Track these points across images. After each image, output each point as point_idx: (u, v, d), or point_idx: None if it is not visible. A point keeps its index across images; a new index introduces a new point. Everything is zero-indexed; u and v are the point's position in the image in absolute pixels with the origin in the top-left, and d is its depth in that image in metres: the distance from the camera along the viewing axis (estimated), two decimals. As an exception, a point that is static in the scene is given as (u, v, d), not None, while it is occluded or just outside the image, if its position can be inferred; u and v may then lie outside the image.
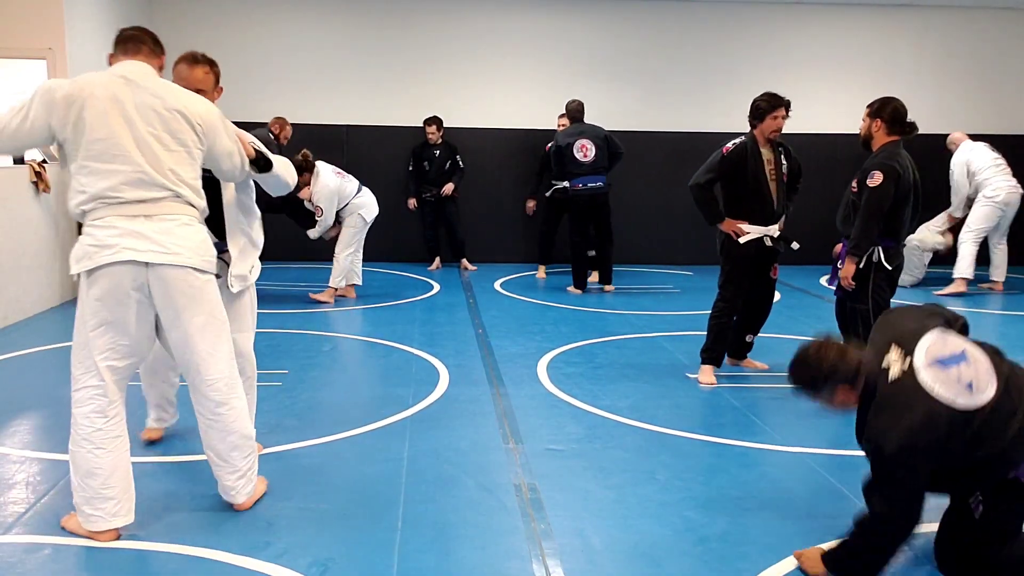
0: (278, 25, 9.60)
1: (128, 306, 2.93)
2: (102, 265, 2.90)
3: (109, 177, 2.89)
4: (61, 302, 7.12)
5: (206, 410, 3.12)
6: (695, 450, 4.06)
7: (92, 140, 2.87)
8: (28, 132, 2.91)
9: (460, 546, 3.02)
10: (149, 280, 2.92)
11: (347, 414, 4.40)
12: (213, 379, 3.08)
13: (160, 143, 2.93)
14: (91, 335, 2.95)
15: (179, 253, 2.93)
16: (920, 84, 10.34)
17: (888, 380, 2.61)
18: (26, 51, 7.13)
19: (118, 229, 2.90)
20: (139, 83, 2.97)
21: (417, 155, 9.36)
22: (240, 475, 3.21)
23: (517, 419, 4.40)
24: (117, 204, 2.90)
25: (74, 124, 2.88)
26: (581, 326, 6.71)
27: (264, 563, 2.84)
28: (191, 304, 2.98)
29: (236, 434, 3.16)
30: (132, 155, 2.89)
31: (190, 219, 3.01)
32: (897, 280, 4.67)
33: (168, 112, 2.96)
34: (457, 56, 9.90)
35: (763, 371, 5.41)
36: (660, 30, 10.04)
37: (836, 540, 2.81)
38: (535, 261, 9.29)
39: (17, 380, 5.05)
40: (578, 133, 7.92)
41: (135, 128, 2.90)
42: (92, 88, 2.91)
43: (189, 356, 3.05)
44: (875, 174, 4.45)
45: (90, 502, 2.96)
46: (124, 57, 3.08)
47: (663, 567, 2.90)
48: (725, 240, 5.11)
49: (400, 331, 6.38)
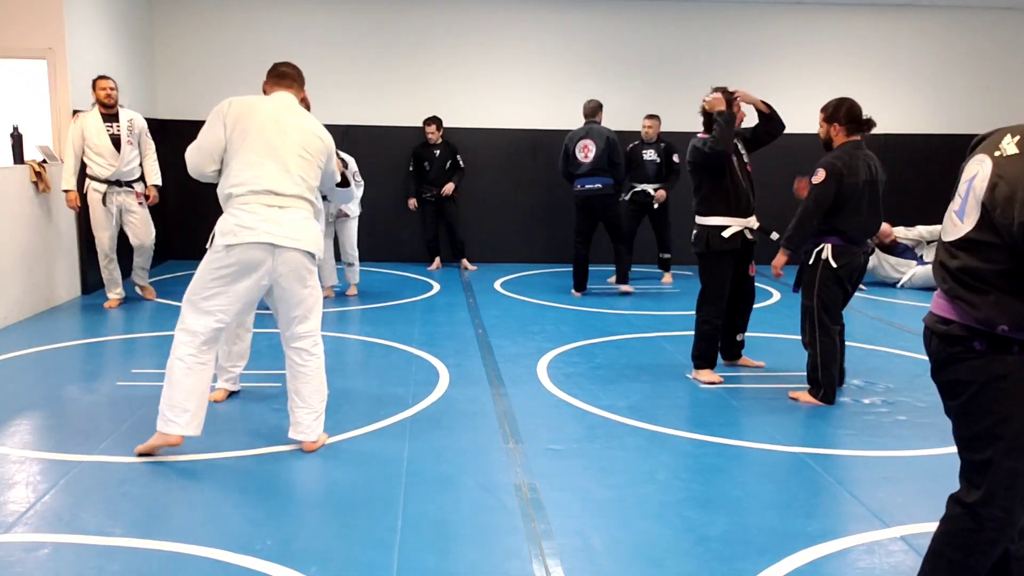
0: (277, 25, 9.59)
1: (254, 276, 3.66)
2: (245, 242, 3.61)
3: (257, 168, 3.66)
4: (61, 302, 7.12)
5: (299, 357, 3.85)
6: (695, 450, 4.06)
7: (255, 140, 3.67)
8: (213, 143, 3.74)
9: (460, 546, 3.02)
10: (275, 258, 3.65)
11: (347, 414, 4.40)
12: (308, 332, 3.83)
13: (299, 155, 3.74)
14: (212, 293, 3.65)
15: (301, 239, 3.69)
16: (920, 84, 10.35)
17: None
18: (26, 51, 7.13)
19: (259, 215, 3.63)
20: (294, 111, 3.84)
21: (417, 155, 9.36)
22: (316, 416, 3.88)
23: (517, 419, 4.40)
24: (261, 193, 3.65)
25: (242, 130, 3.68)
26: (581, 326, 6.71)
27: (264, 563, 2.84)
28: (303, 280, 3.75)
29: (317, 380, 3.88)
30: (283, 156, 3.70)
31: (309, 215, 3.79)
32: (851, 280, 4.65)
33: (310, 135, 3.81)
34: (457, 56, 9.89)
35: (760, 369, 5.41)
36: (661, 30, 10.03)
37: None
38: (540, 261, 9.25)
39: (17, 380, 5.05)
40: (584, 133, 7.93)
41: (287, 139, 3.71)
42: (261, 104, 3.78)
43: (293, 314, 3.80)
44: (819, 171, 4.54)
45: (174, 408, 3.68)
46: (277, 88, 3.93)
47: (663, 567, 2.90)
48: (707, 237, 5.04)
49: (400, 331, 6.38)
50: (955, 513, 2.31)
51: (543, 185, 10.04)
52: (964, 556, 2.28)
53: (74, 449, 3.86)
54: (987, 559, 2.29)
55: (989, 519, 2.23)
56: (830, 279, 4.59)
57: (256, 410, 4.48)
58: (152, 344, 5.90)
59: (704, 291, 5.15)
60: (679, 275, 9.11)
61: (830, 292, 4.60)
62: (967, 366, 2.19)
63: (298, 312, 3.80)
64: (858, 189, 4.51)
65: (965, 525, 2.27)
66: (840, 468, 3.85)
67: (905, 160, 10.16)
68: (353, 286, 7.86)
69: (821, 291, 4.60)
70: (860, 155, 4.56)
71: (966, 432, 2.26)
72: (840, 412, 4.63)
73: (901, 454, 4.02)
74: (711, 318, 5.12)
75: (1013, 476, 2.18)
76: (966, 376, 2.20)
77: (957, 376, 2.22)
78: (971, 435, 2.24)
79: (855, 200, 4.51)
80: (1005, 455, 2.18)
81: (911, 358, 5.83)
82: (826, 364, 4.66)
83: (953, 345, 2.20)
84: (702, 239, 5.07)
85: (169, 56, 9.59)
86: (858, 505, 3.44)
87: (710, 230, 5.02)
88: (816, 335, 4.65)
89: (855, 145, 4.58)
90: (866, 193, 4.54)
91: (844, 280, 4.60)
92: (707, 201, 5.05)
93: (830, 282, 4.59)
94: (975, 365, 2.17)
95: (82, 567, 2.83)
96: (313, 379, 3.87)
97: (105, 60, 7.91)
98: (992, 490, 2.21)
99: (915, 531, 3.17)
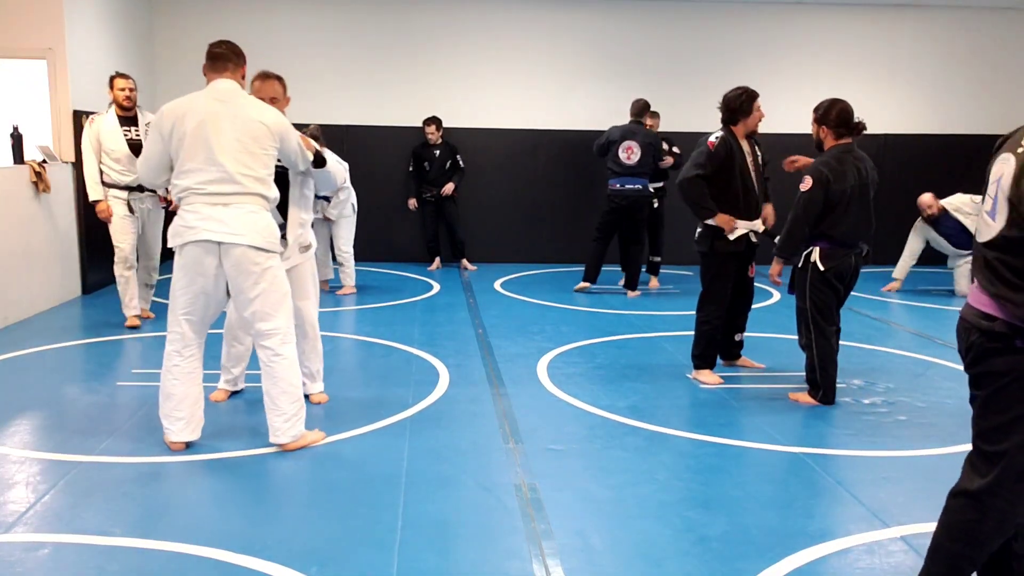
0: (277, 26, 9.60)
1: (205, 275, 3.67)
2: (188, 242, 3.64)
3: (197, 174, 3.64)
4: (61, 302, 7.12)
5: (265, 356, 3.79)
6: (695, 450, 4.06)
7: (190, 146, 3.63)
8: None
9: (460, 546, 3.02)
10: (221, 255, 3.64)
11: (347, 414, 4.40)
12: (271, 330, 3.76)
13: (239, 149, 3.64)
14: (176, 295, 3.73)
15: (244, 234, 3.62)
16: (920, 84, 10.35)
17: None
18: (26, 51, 7.13)
19: (201, 214, 3.63)
20: (230, 101, 3.70)
21: (417, 155, 9.36)
22: (286, 418, 3.80)
23: (517, 419, 4.40)
24: (204, 195, 3.64)
25: (179, 138, 3.65)
26: (581, 326, 6.71)
27: (264, 562, 2.84)
28: (252, 275, 3.67)
29: (285, 381, 3.79)
30: (218, 158, 3.62)
31: (258, 208, 3.70)
32: (842, 281, 4.64)
33: (251, 122, 3.68)
34: (457, 56, 9.89)
35: (759, 370, 5.41)
36: (661, 30, 10.03)
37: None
38: (540, 261, 9.24)
39: (17, 380, 5.04)
40: (631, 134, 7.82)
41: (223, 137, 3.62)
42: (193, 105, 3.68)
43: (249, 310, 3.74)
44: (806, 179, 4.55)
45: (167, 417, 3.82)
46: (213, 73, 3.78)
47: (663, 567, 2.90)
48: (712, 237, 5.02)
49: (400, 331, 6.38)
50: (957, 505, 2.34)
51: (543, 185, 10.05)
52: (963, 547, 2.31)
53: (74, 449, 3.86)
54: (984, 551, 2.31)
55: (992, 508, 2.26)
56: (820, 281, 4.60)
57: (256, 410, 4.47)
58: (152, 344, 5.90)
59: (706, 291, 5.14)
60: (676, 275, 9.11)
61: (821, 294, 4.61)
62: (1004, 360, 2.23)
63: (254, 308, 3.73)
64: (846, 194, 4.50)
65: (967, 516, 2.30)
66: (840, 468, 3.85)
67: (904, 160, 10.16)
68: (348, 286, 7.87)
69: (812, 293, 4.61)
70: (849, 159, 4.54)
71: (987, 422, 2.29)
72: (840, 412, 4.63)
73: (901, 454, 4.02)
74: (712, 318, 5.11)
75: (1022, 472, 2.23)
76: (1001, 368, 2.24)
77: (992, 368, 2.26)
78: (992, 425, 2.27)
79: (843, 205, 4.51)
80: (1020, 449, 2.22)
81: (911, 358, 5.83)
82: (824, 365, 4.66)
83: (995, 341, 2.24)
84: (707, 239, 5.04)
85: (169, 56, 9.59)
86: (858, 505, 3.44)
87: (715, 231, 5.01)
88: (812, 337, 4.65)
89: (845, 149, 4.57)
90: (855, 197, 4.53)
91: (834, 281, 4.61)
92: (715, 201, 5.00)
93: (820, 284, 4.60)
94: (1012, 360, 2.21)
95: (82, 567, 2.83)
96: (281, 379, 3.79)
97: (105, 60, 7.91)
98: (1001, 480, 2.24)
99: (915, 531, 3.17)
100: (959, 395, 4.75)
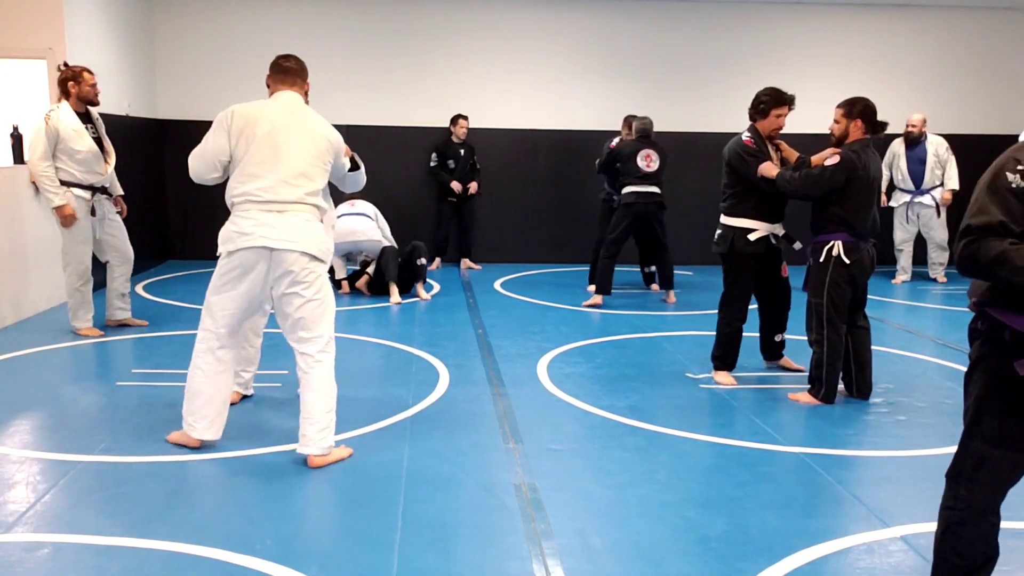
0: (278, 25, 9.59)
1: (254, 280, 3.69)
2: (242, 248, 3.65)
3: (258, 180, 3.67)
4: (60, 302, 7.11)
5: (304, 362, 3.74)
6: (695, 450, 4.06)
7: (257, 151, 3.67)
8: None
9: (460, 546, 3.02)
10: (272, 260, 3.65)
11: (347, 414, 4.39)
12: (313, 336, 3.72)
13: (303, 161, 3.71)
14: (220, 297, 3.74)
15: (298, 241, 3.64)
16: (920, 84, 10.35)
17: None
18: (26, 51, 7.13)
19: (256, 220, 3.65)
20: (298, 113, 3.80)
21: (441, 152, 9.40)
22: (319, 428, 3.70)
23: (517, 419, 4.40)
24: (260, 202, 3.66)
25: (246, 141, 3.69)
26: (581, 326, 6.71)
27: (264, 562, 2.84)
28: (303, 282, 3.67)
29: (322, 391, 3.72)
30: (283, 167, 3.68)
31: (312, 217, 3.74)
32: (859, 279, 4.65)
33: (318, 138, 3.78)
34: (459, 57, 9.89)
35: (799, 372, 5.29)
36: (661, 30, 10.03)
37: None
38: (540, 261, 9.22)
39: (17, 380, 5.04)
40: (648, 144, 7.60)
41: (291, 147, 3.69)
42: (265, 112, 3.76)
43: (295, 317, 3.70)
44: (836, 156, 4.58)
45: (192, 414, 3.82)
46: (281, 86, 3.89)
47: (663, 567, 2.90)
48: (733, 238, 4.98)
49: (400, 331, 6.38)
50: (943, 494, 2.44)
51: (544, 185, 10.06)
52: (940, 531, 2.41)
53: (74, 449, 3.86)
54: (960, 542, 2.36)
55: (956, 496, 2.35)
56: (841, 277, 4.59)
57: (257, 410, 4.48)
58: (153, 344, 5.90)
59: (726, 293, 5.12)
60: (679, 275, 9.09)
61: (841, 290, 4.60)
62: (975, 346, 2.35)
63: (300, 315, 3.69)
64: (869, 184, 4.57)
65: (943, 503, 2.40)
66: (840, 468, 3.85)
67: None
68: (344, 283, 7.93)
69: (832, 289, 4.60)
70: (870, 152, 4.65)
71: (964, 406, 2.40)
72: (840, 412, 4.63)
73: (901, 454, 4.02)
74: (732, 320, 5.09)
75: (980, 459, 2.30)
76: (971, 354, 2.37)
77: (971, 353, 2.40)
78: (964, 409, 2.39)
79: (866, 194, 4.57)
80: (972, 434, 2.32)
81: (911, 358, 5.83)
82: (831, 361, 4.66)
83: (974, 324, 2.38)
84: (726, 240, 5.00)
85: (169, 56, 9.59)
86: (858, 505, 3.44)
87: (736, 231, 4.97)
88: (824, 332, 4.64)
89: (866, 143, 4.65)
90: (876, 190, 4.63)
91: (856, 276, 4.61)
92: (737, 202, 4.98)
93: (841, 280, 4.59)
94: (977, 345, 2.34)
95: (82, 567, 2.83)
96: (319, 388, 3.72)
97: (105, 60, 7.91)
98: (960, 466, 2.35)
99: (915, 531, 3.17)
100: (959, 395, 4.72)
